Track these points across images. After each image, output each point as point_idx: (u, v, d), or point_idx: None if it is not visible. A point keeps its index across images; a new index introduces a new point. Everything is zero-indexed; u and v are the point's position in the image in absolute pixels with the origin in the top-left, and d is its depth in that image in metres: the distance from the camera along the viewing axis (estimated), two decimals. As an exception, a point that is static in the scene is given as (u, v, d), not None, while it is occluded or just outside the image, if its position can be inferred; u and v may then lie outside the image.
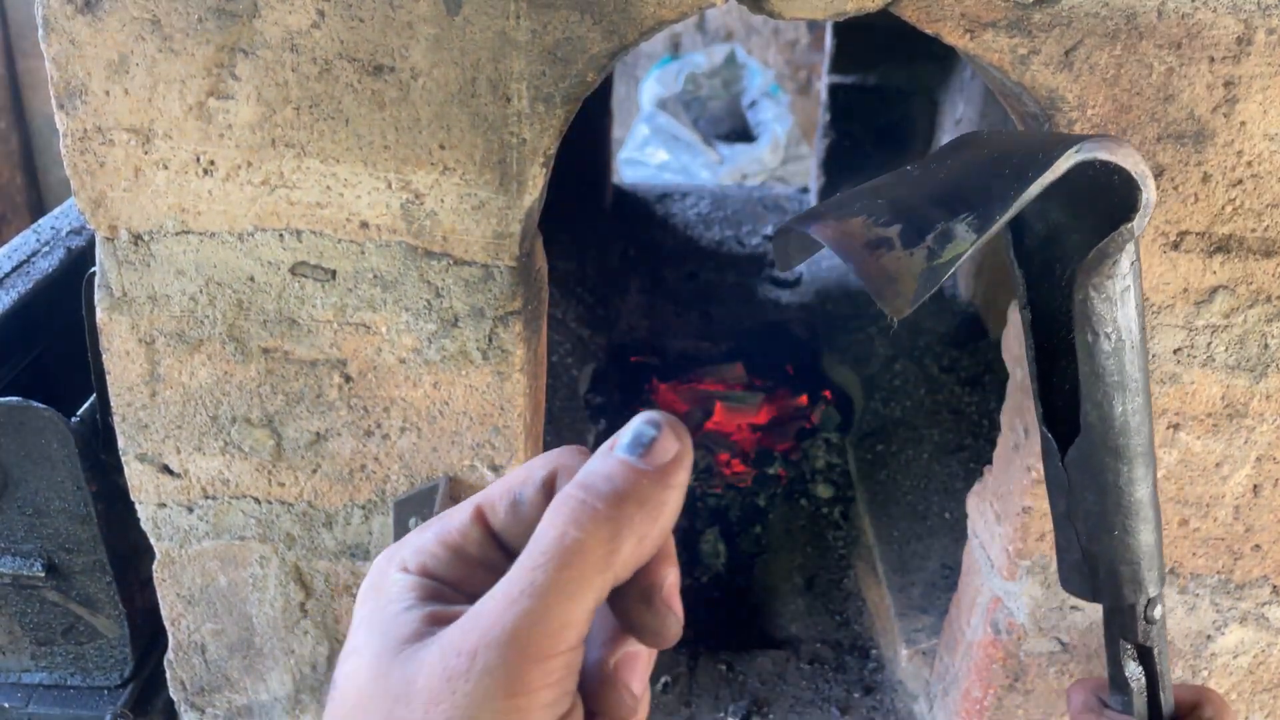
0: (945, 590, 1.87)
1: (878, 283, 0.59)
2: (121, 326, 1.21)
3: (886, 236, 0.60)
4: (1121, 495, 0.77)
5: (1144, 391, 0.75)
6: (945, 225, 0.60)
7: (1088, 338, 0.72)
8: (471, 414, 1.25)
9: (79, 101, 1.09)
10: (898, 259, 0.59)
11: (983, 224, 0.60)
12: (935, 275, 0.59)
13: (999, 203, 0.60)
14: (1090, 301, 0.71)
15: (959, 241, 0.59)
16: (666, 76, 5.15)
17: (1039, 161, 0.62)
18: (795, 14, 1.06)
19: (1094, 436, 0.75)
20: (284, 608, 1.40)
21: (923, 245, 0.59)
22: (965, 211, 0.61)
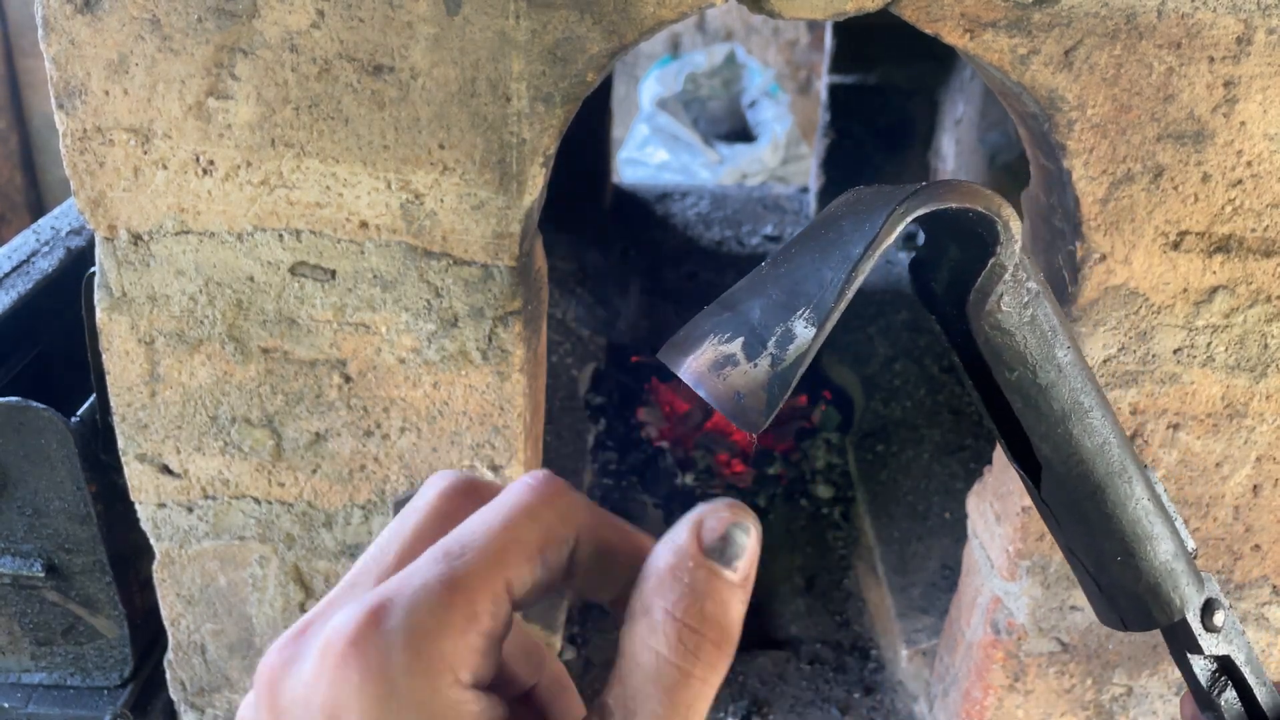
0: (945, 590, 1.87)
1: (728, 404, 0.58)
2: (121, 326, 1.21)
3: (730, 354, 0.59)
4: (1108, 522, 0.75)
5: (1095, 409, 0.73)
6: (784, 326, 0.59)
7: (1006, 375, 0.71)
8: (471, 414, 1.25)
9: (78, 101, 1.09)
10: (744, 374, 0.58)
11: (819, 315, 0.59)
12: (784, 380, 0.57)
13: (830, 289, 0.60)
14: (992, 341, 0.69)
15: (800, 340, 0.58)
16: (666, 76, 5.15)
17: (865, 233, 0.61)
18: (795, 13, 1.06)
19: (1056, 470, 0.73)
20: (284, 608, 1.40)
21: (765, 353, 0.59)
22: (801, 306, 0.60)
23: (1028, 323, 0.69)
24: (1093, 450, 0.72)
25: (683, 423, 2.76)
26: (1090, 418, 0.72)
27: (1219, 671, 0.78)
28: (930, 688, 1.75)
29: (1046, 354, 0.70)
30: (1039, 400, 0.71)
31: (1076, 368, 0.72)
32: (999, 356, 0.70)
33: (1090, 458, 0.72)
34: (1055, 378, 0.71)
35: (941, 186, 0.65)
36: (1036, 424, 0.71)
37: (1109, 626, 0.79)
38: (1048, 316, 0.69)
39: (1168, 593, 0.75)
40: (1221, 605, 0.76)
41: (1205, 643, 0.77)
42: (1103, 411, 0.73)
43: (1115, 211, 1.14)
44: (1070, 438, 0.72)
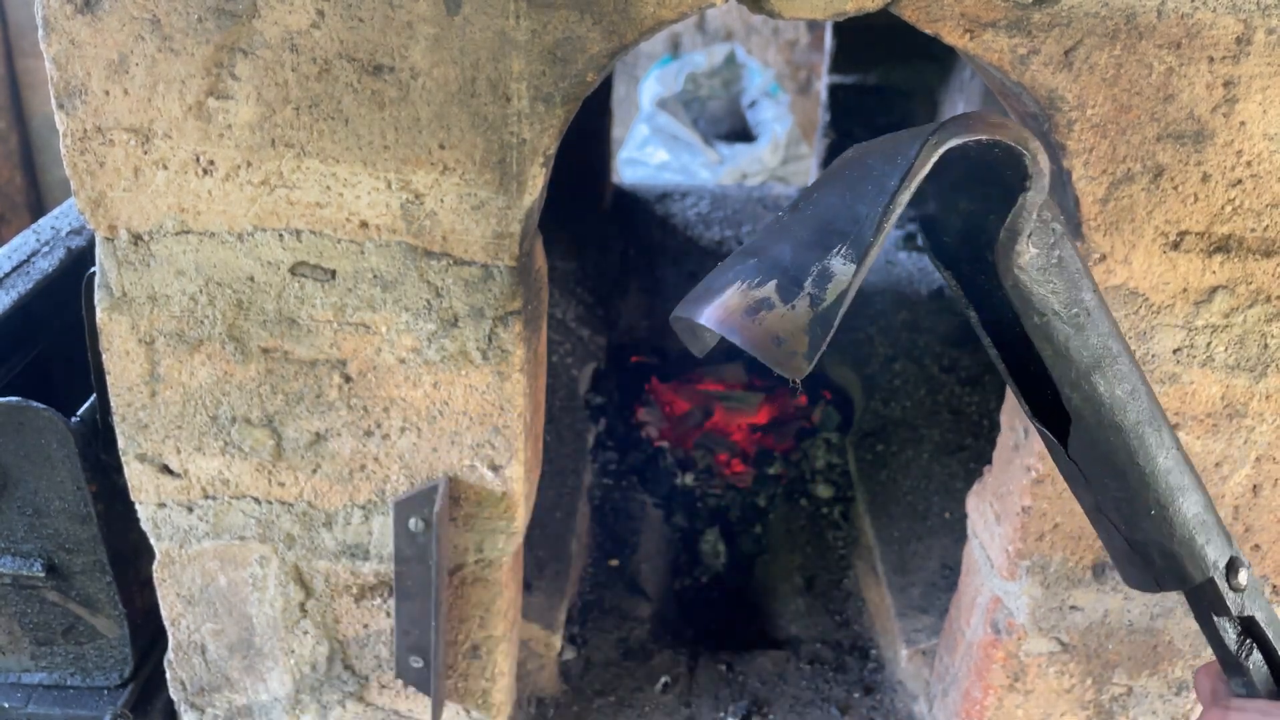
0: (945, 590, 1.87)
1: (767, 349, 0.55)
2: (121, 326, 1.21)
3: (764, 297, 0.56)
4: (1142, 472, 0.71)
5: (1122, 355, 0.70)
6: (820, 265, 0.56)
7: (1036, 321, 0.67)
8: (471, 414, 1.25)
9: (79, 101, 1.09)
10: (780, 317, 0.55)
11: (858, 250, 0.56)
12: (826, 321, 0.55)
13: (868, 223, 0.56)
14: (1021, 285, 0.66)
15: (839, 278, 0.55)
16: (666, 76, 5.15)
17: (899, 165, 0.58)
18: (795, 13, 1.06)
19: (1087, 421, 0.70)
20: (284, 608, 1.40)
21: (803, 294, 0.55)
22: (837, 243, 0.57)
23: (1055, 264, 0.66)
24: (1124, 397, 0.69)
25: (683, 423, 2.76)
26: (1120, 363, 0.69)
27: (1244, 634, 0.74)
28: (930, 687, 1.75)
29: (1075, 296, 0.67)
30: (1069, 346, 0.67)
31: (1102, 311, 0.69)
32: (1029, 301, 0.66)
33: (1122, 405, 0.69)
34: (1085, 321, 0.67)
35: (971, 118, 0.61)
36: (1067, 371, 0.68)
37: (1139, 589, 0.76)
38: (1073, 258, 0.67)
39: (1201, 547, 0.72)
40: (1244, 563, 0.74)
41: (1231, 602, 0.73)
42: (1130, 357, 0.70)
43: (1115, 211, 1.14)
44: (1102, 384, 0.69)
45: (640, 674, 1.86)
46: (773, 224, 0.64)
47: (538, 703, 1.79)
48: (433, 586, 1.30)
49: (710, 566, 2.31)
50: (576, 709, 1.78)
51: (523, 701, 1.75)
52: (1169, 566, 0.73)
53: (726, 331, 0.57)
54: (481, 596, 1.39)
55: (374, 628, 1.41)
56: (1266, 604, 0.74)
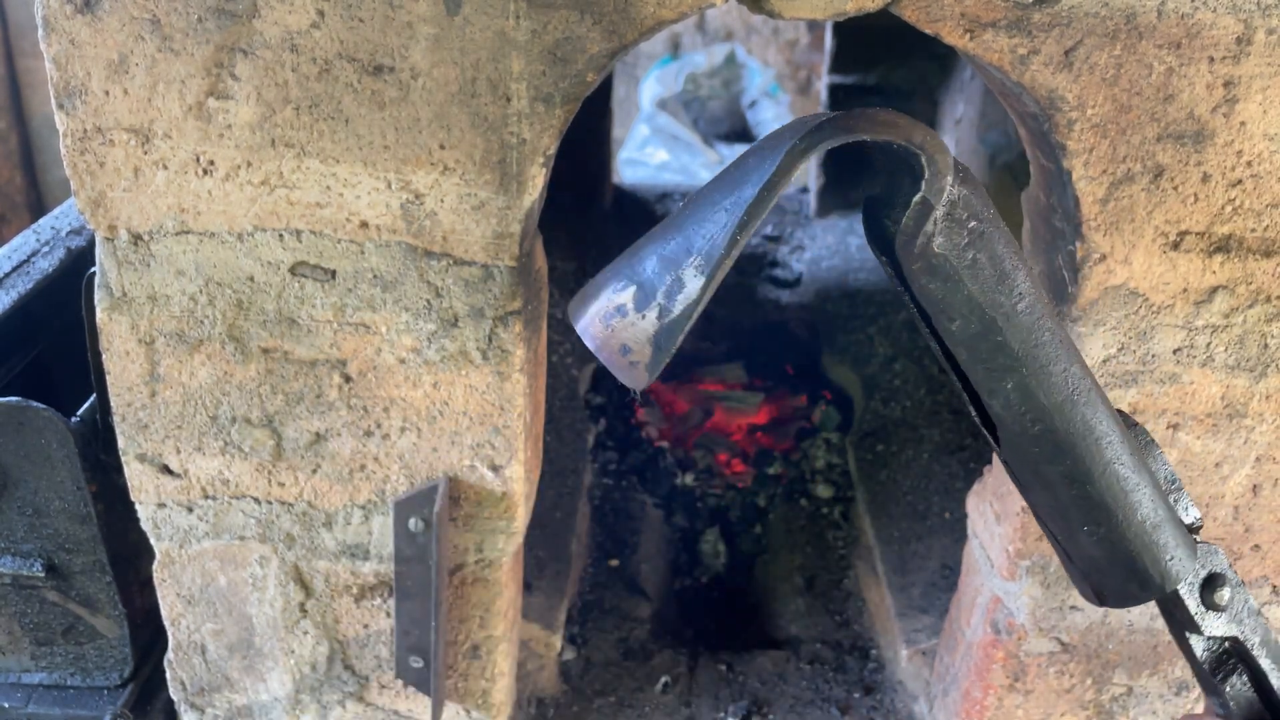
0: (945, 590, 1.87)
1: (614, 357, 0.55)
2: (121, 326, 1.21)
3: (621, 304, 0.56)
4: (1072, 487, 0.66)
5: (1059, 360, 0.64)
6: (674, 275, 0.55)
7: (946, 324, 0.63)
8: (471, 414, 1.25)
9: (79, 101, 1.09)
10: (630, 326, 0.55)
11: (708, 263, 0.55)
12: (671, 333, 0.54)
13: (721, 235, 0.55)
14: (926, 288, 0.62)
15: (688, 290, 0.55)
16: (666, 76, 5.15)
17: (763, 170, 0.56)
18: (795, 14, 1.06)
19: (1010, 429, 0.66)
20: (284, 608, 1.40)
21: (653, 304, 0.55)
22: (694, 254, 0.56)
23: (968, 266, 0.61)
24: (1050, 408, 0.64)
25: (683, 423, 2.76)
26: (1050, 370, 0.64)
27: (1227, 654, 0.70)
28: (930, 687, 1.75)
29: (992, 301, 0.62)
30: (985, 352, 0.63)
31: (1033, 315, 0.64)
32: (937, 304, 0.62)
33: (1049, 416, 0.64)
34: (1003, 325, 0.62)
35: (854, 116, 0.57)
36: (985, 379, 0.64)
37: (1087, 599, 0.72)
38: (995, 260, 0.62)
39: (1145, 567, 0.67)
40: (1229, 582, 0.68)
41: (1205, 621, 0.68)
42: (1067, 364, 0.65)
43: (1115, 211, 1.14)
44: (1023, 393, 0.64)
45: (640, 674, 1.86)
46: (666, 220, 0.63)
47: (538, 703, 1.79)
48: (433, 586, 1.30)
49: (710, 566, 2.31)
50: (576, 709, 1.78)
51: (523, 701, 1.75)
52: (1110, 582, 0.69)
53: (586, 340, 0.57)
54: (481, 596, 1.39)
55: (374, 628, 1.41)
56: (1264, 626, 0.69)
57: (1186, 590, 0.68)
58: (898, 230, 0.62)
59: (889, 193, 0.63)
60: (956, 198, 0.60)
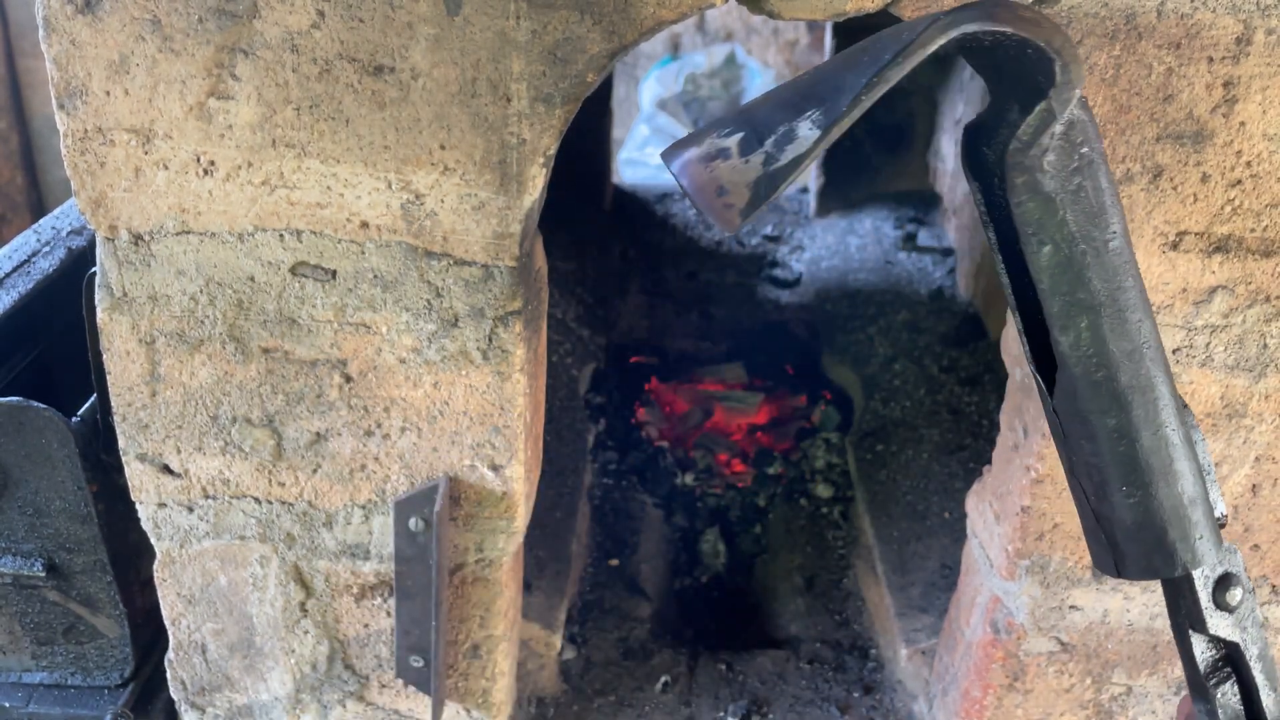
0: (945, 590, 1.87)
1: (708, 196, 0.54)
2: (122, 326, 1.21)
3: (725, 147, 0.54)
4: (1120, 443, 0.63)
5: (1136, 309, 0.62)
6: (787, 126, 0.54)
7: (1035, 247, 0.61)
8: (471, 414, 1.25)
9: (79, 101, 1.09)
10: (732, 168, 0.53)
11: (828, 118, 0.53)
12: (772, 181, 0.53)
13: (847, 93, 0.53)
14: (1025, 206, 0.60)
15: (800, 142, 0.53)
16: (666, 77, 5.15)
17: (899, 41, 0.54)
18: (795, 14, 1.06)
19: (1071, 371, 0.63)
20: (284, 607, 1.40)
21: (760, 150, 0.53)
22: (811, 107, 0.54)
23: (1072, 191, 0.59)
24: (1119, 355, 0.62)
25: (683, 423, 2.76)
26: (1127, 317, 0.62)
27: (1223, 660, 0.68)
28: (930, 687, 1.75)
29: (1086, 233, 0.60)
30: (1069, 284, 0.61)
31: (1122, 258, 0.62)
32: (1032, 226, 0.60)
33: (1115, 364, 0.62)
34: (1092, 261, 0.60)
35: (1000, 6, 0.54)
36: (1061, 312, 0.62)
37: (1102, 570, 0.69)
38: (1098, 191, 0.60)
39: (1173, 540, 0.64)
40: (1242, 584, 0.65)
41: (1212, 619, 0.66)
42: (1143, 316, 0.62)
43: (1114, 212, 1.14)
44: (1096, 335, 0.62)
45: (640, 674, 1.86)
46: (779, 85, 0.61)
47: (538, 702, 1.79)
48: (433, 586, 1.30)
49: (710, 566, 2.31)
50: (576, 708, 1.78)
51: (523, 701, 1.75)
52: (1134, 550, 0.66)
53: (679, 175, 0.56)
54: (482, 596, 1.39)
55: (374, 627, 1.41)
56: (1264, 640, 0.67)
57: (1201, 581, 0.66)
58: (1004, 148, 0.60)
59: (994, 117, 0.61)
60: (1075, 119, 0.59)
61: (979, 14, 0.55)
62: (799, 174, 0.53)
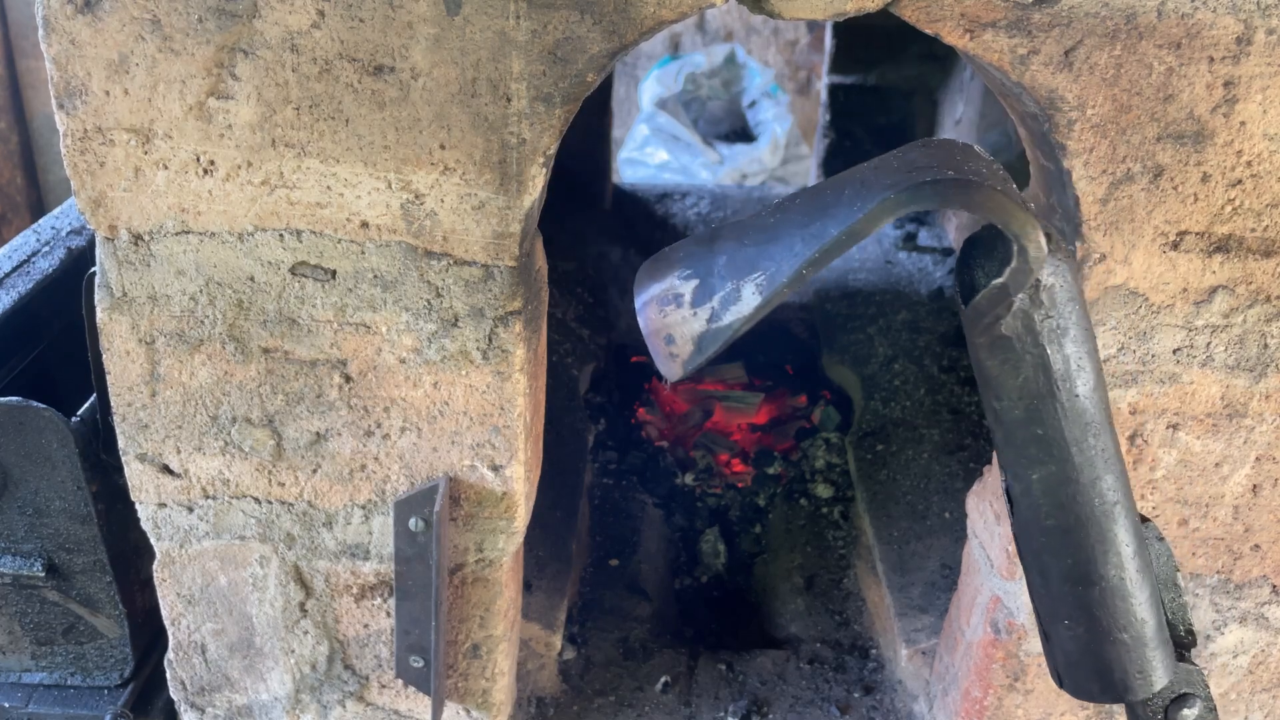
0: (945, 590, 1.87)
1: (657, 343, 0.56)
2: (122, 326, 1.21)
3: (680, 293, 0.57)
4: (1064, 585, 0.64)
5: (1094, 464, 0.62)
6: (734, 285, 0.55)
7: (991, 402, 0.61)
8: (471, 414, 1.25)
9: (79, 101, 1.09)
10: (681, 319, 0.55)
11: (769, 285, 0.54)
12: (713, 339, 0.55)
13: (789, 262, 0.54)
14: (984, 365, 0.61)
15: (742, 304, 0.55)
16: (666, 76, 5.15)
17: (850, 212, 0.54)
18: (795, 14, 1.06)
19: (1022, 514, 0.64)
20: (284, 607, 1.40)
21: (708, 305, 0.55)
22: (758, 270, 0.55)
23: (1030, 355, 0.59)
24: (1071, 509, 0.62)
25: (683, 422, 2.76)
26: (1082, 476, 0.62)
27: None
28: (930, 687, 1.75)
29: (1045, 393, 0.60)
30: (1021, 440, 0.62)
31: (1085, 417, 0.61)
32: (987, 379, 0.61)
33: (1066, 515, 0.62)
34: (1048, 421, 0.61)
35: (954, 186, 0.54)
36: (1012, 461, 0.63)
37: (1050, 674, 0.70)
38: (1064, 358, 0.60)
39: (1119, 674, 0.65)
40: (1200, 701, 0.66)
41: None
42: (1102, 476, 0.62)
43: (1115, 211, 1.14)
44: (1046, 488, 0.62)
45: (640, 673, 1.86)
46: (758, 212, 0.63)
47: (538, 702, 1.79)
48: (433, 586, 1.30)
49: (710, 566, 2.31)
50: (576, 708, 1.78)
51: (523, 701, 1.75)
52: (1077, 676, 0.68)
53: (639, 315, 0.58)
54: (482, 596, 1.39)
55: (374, 627, 1.41)
56: None
57: (1156, 704, 0.67)
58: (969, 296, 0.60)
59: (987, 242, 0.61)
60: (1041, 286, 0.59)
61: (934, 195, 0.55)
62: (737, 335, 0.55)
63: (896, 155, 0.60)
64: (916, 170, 0.56)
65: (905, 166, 0.58)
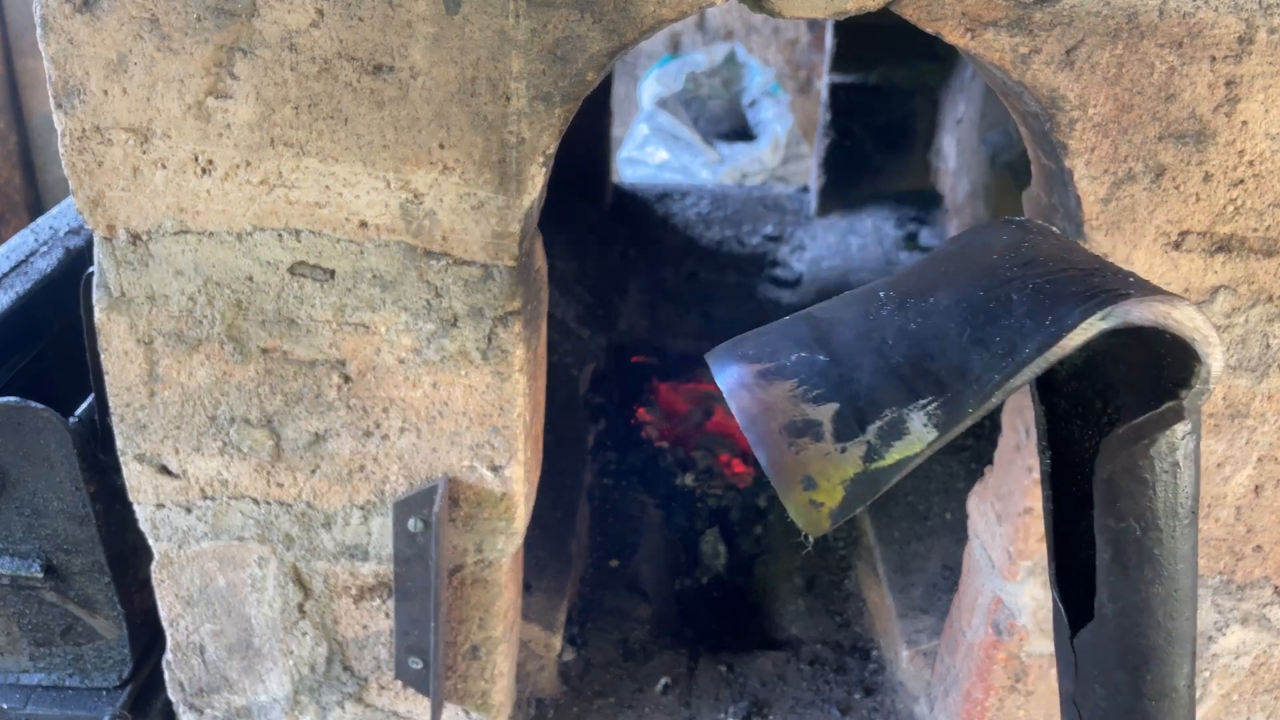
0: (946, 591, 1.87)
1: (790, 486, 0.44)
2: (120, 326, 1.21)
3: (816, 421, 0.45)
4: (1128, 698, 0.62)
5: (1187, 575, 0.60)
6: (896, 413, 0.45)
7: (1110, 522, 0.58)
8: (471, 414, 1.25)
9: (77, 101, 1.09)
10: (824, 455, 0.44)
11: (948, 418, 0.45)
12: (873, 484, 0.44)
13: (974, 389, 0.45)
14: (1118, 482, 0.56)
15: (911, 439, 0.44)
16: (666, 76, 5.14)
17: (1043, 330, 0.46)
18: (795, 13, 1.06)
19: (1109, 630, 0.62)
20: (282, 608, 1.40)
21: (860, 439, 0.44)
22: (929, 395, 0.45)
23: (1168, 471, 0.56)
24: (1160, 626, 0.60)
25: (683, 423, 2.76)
26: (1180, 591, 0.60)
27: None
28: (931, 688, 1.74)
29: (1169, 514, 0.57)
30: (1133, 561, 0.59)
31: (1192, 533, 0.60)
32: (1113, 501, 0.57)
33: (1153, 633, 0.60)
34: (1166, 541, 0.58)
35: (1154, 297, 0.48)
36: (1117, 580, 0.59)
37: None
38: (1191, 482, 0.57)
39: None
40: None
41: None
42: (1193, 583, 0.61)
43: (1116, 211, 1.13)
44: (1147, 608, 0.60)
45: (640, 675, 1.86)
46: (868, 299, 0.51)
47: (537, 703, 1.78)
48: (432, 587, 1.30)
49: (710, 567, 2.31)
50: (576, 710, 1.78)
51: (522, 702, 1.74)
52: None
53: (752, 436, 0.46)
54: (481, 597, 1.39)
55: (373, 628, 1.41)
56: None
57: None
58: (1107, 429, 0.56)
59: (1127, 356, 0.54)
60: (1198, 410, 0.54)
61: (1141, 307, 0.47)
62: (902, 475, 0.44)
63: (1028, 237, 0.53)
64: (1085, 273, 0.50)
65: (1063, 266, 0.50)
